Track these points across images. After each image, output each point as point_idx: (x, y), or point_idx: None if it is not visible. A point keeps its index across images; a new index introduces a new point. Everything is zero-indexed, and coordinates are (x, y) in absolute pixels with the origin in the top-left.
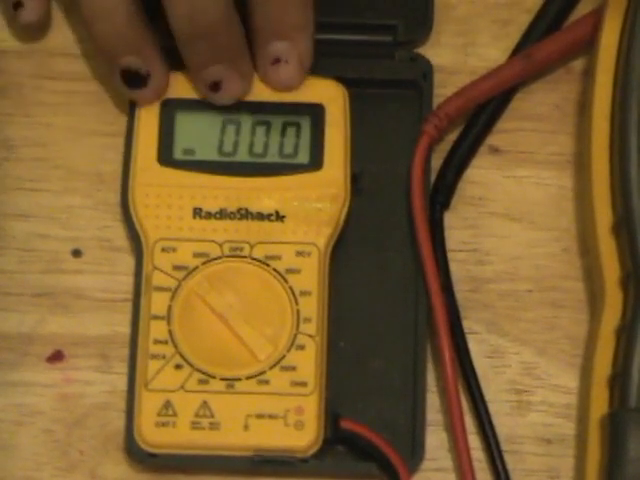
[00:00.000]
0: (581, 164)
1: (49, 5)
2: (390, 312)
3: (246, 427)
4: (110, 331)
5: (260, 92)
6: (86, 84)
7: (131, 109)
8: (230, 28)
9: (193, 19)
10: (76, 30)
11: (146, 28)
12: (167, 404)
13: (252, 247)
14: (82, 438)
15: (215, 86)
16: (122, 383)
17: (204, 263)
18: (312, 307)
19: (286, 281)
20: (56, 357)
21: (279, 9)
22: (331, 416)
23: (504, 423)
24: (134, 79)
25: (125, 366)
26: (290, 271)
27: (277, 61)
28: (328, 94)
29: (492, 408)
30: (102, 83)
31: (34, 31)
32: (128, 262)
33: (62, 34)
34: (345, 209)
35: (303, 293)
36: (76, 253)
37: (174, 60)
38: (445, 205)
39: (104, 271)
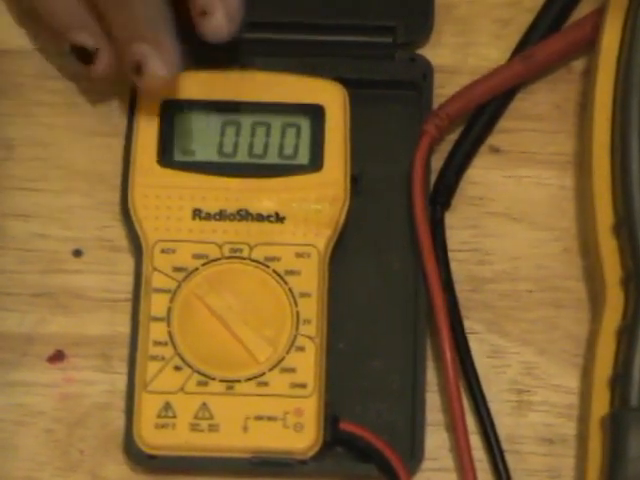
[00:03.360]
0: (582, 164)
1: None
2: (390, 313)
3: (245, 429)
4: (111, 331)
5: (260, 93)
6: (86, 84)
7: (131, 110)
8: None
9: None
10: None
11: (93, 5)
12: (166, 406)
13: (252, 248)
14: (83, 438)
15: (138, 68)
16: (123, 383)
17: (204, 264)
18: (312, 308)
19: (286, 282)
20: (57, 357)
21: None
22: (330, 418)
23: (505, 423)
24: (83, 55)
25: (125, 366)
26: (290, 272)
27: (203, 13)
28: (328, 95)
29: (493, 408)
30: (102, 83)
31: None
32: (128, 262)
33: None
34: (345, 210)
35: (303, 294)
36: (77, 253)
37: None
38: (446, 205)
39: (104, 271)
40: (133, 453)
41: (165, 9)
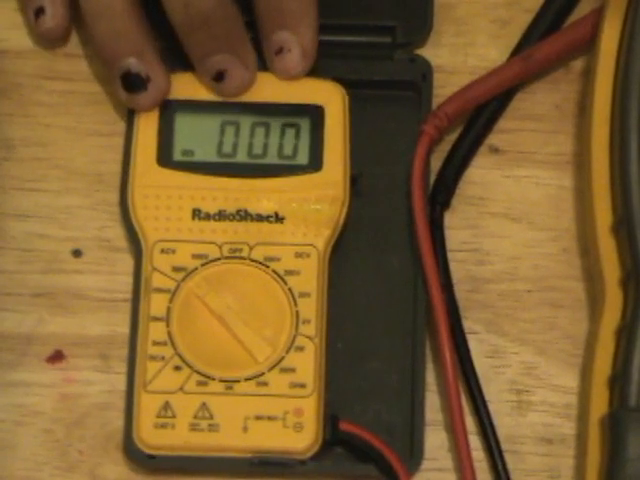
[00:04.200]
0: (581, 164)
1: (70, 13)
2: (389, 313)
3: (245, 429)
4: (110, 331)
5: (259, 93)
6: (86, 84)
7: (131, 110)
8: (227, 16)
9: (188, 9)
10: (76, 30)
11: (147, 29)
12: (166, 406)
13: (251, 248)
14: (82, 438)
15: (219, 76)
16: (122, 383)
17: (203, 264)
18: (311, 308)
19: (285, 282)
20: (56, 357)
21: (284, 2)
22: (330, 418)
23: (504, 423)
24: (134, 82)
25: (125, 366)
26: (289, 272)
27: (280, 50)
28: (327, 95)
29: (492, 408)
30: (102, 83)
31: (53, 39)
32: (128, 262)
33: None
34: (344, 210)
35: (302, 294)
36: (76, 253)
37: (173, 61)
38: (445, 205)
39: (104, 271)
40: (132, 453)
41: (239, 18)
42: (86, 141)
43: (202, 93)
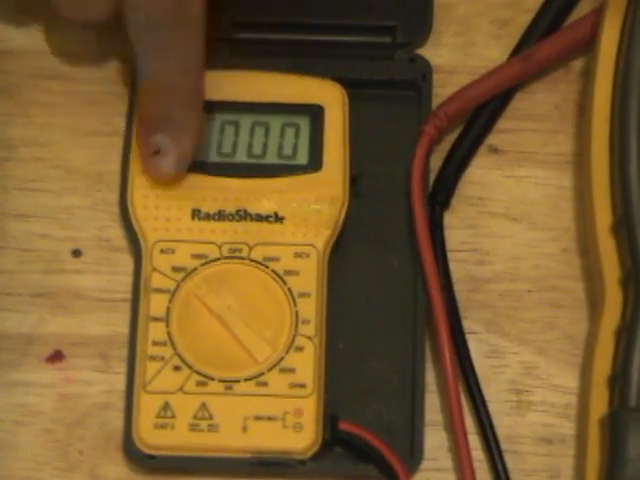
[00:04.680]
0: (581, 164)
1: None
2: (389, 313)
3: (245, 429)
4: (110, 331)
5: (259, 93)
6: (86, 84)
7: (130, 110)
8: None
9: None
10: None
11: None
12: (166, 406)
13: (251, 248)
14: (82, 438)
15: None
16: (122, 383)
17: (203, 264)
18: (311, 308)
19: (285, 282)
20: (56, 357)
21: (163, 103)
22: (330, 418)
23: (504, 423)
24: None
25: (125, 366)
26: (289, 272)
27: (157, 152)
28: (327, 95)
29: (492, 408)
30: (102, 83)
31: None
32: (128, 262)
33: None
34: (344, 210)
35: (302, 294)
36: (76, 253)
37: None
38: (445, 205)
39: (104, 271)
40: (132, 453)
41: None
42: (86, 141)
43: None
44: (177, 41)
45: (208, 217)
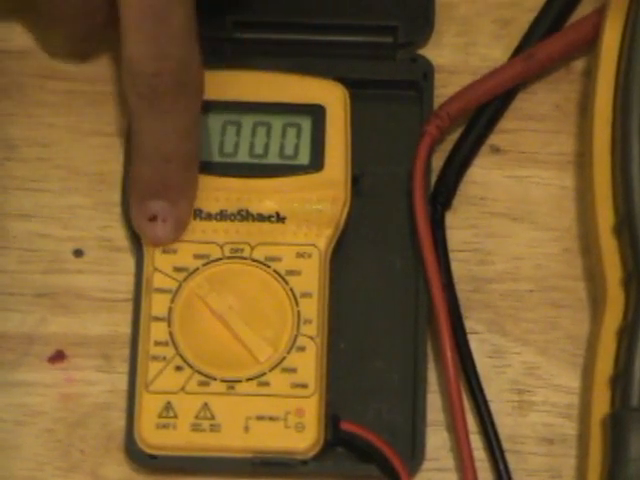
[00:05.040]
0: (582, 164)
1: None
2: (390, 313)
3: (246, 429)
4: (111, 331)
5: (261, 93)
6: (88, 84)
7: None
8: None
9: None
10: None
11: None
12: (168, 406)
13: (252, 248)
14: (83, 438)
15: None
16: (123, 383)
17: (205, 264)
18: (312, 308)
19: (286, 282)
20: (57, 357)
21: (161, 169)
22: (331, 418)
23: (505, 423)
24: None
25: (126, 366)
26: (290, 272)
27: (154, 218)
28: (329, 95)
29: (493, 408)
30: (103, 83)
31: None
32: (129, 262)
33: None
34: (346, 210)
35: (303, 294)
36: (77, 253)
37: None
38: (446, 205)
39: (105, 271)
40: (134, 453)
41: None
42: (88, 141)
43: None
44: (177, 110)
45: (210, 217)
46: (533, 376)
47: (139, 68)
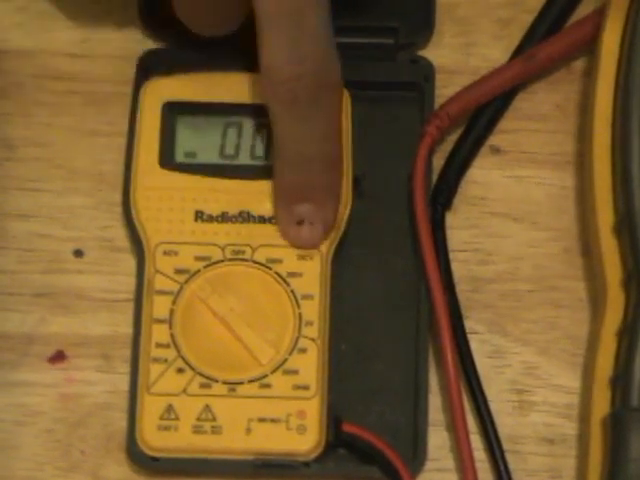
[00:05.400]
0: (582, 164)
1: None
2: (391, 314)
3: (248, 431)
4: (112, 331)
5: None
6: (87, 84)
7: (133, 111)
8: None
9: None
10: (77, 30)
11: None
12: (169, 408)
13: (254, 250)
14: (83, 438)
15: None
16: (124, 383)
17: (206, 266)
18: (314, 310)
19: (288, 284)
20: (57, 357)
21: (306, 173)
22: (333, 419)
23: (505, 423)
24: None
25: (127, 366)
26: (292, 274)
27: (301, 222)
28: None
29: (493, 408)
30: (103, 83)
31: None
32: (129, 262)
33: (63, 34)
34: (347, 212)
35: (305, 296)
36: (78, 253)
37: (171, 61)
38: (446, 205)
39: (105, 271)
40: (135, 455)
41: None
42: (87, 141)
43: (204, 95)
44: (319, 112)
45: (211, 219)
46: (533, 376)
47: (280, 74)
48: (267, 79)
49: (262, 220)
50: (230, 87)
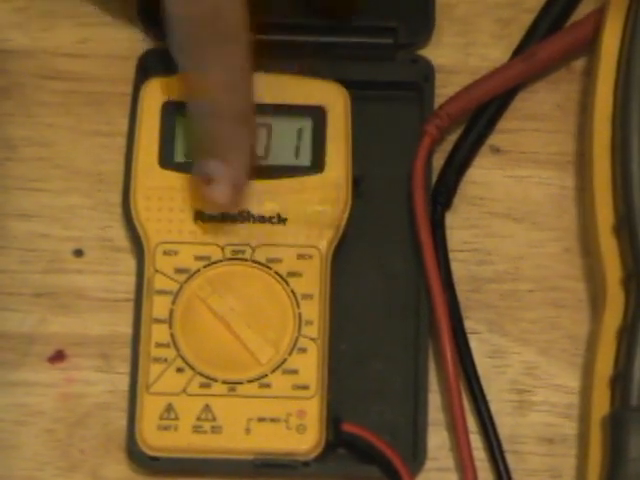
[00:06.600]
0: (582, 164)
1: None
2: (391, 314)
3: (248, 431)
4: (111, 331)
5: (261, 94)
6: (88, 84)
7: (132, 111)
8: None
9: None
10: (77, 30)
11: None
12: (169, 407)
13: (254, 250)
14: (83, 438)
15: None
16: (123, 383)
17: (206, 266)
18: (314, 310)
19: (288, 284)
20: (57, 357)
21: (210, 127)
22: (333, 419)
23: (505, 423)
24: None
25: (126, 366)
26: (292, 274)
27: (210, 181)
28: (330, 96)
29: (493, 408)
30: (103, 83)
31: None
32: (129, 262)
33: (63, 34)
34: (347, 212)
35: (305, 296)
36: (78, 253)
37: (171, 61)
38: (446, 205)
39: (105, 271)
40: (135, 455)
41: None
42: (88, 141)
43: None
44: (219, 62)
45: (211, 219)
46: (533, 376)
47: (172, 9)
48: (167, 19)
49: (262, 220)
50: None
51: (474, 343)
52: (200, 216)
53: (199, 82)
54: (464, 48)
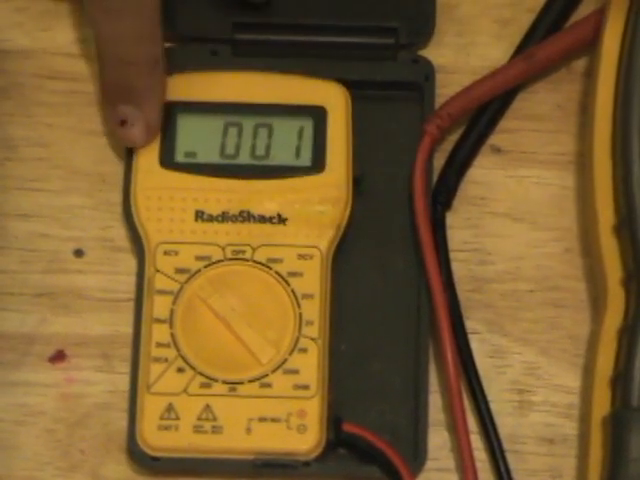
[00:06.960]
0: (583, 164)
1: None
2: (392, 314)
3: (248, 430)
4: (112, 331)
5: (262, 94)
6: (87, 84)
7: None
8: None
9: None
10: (77, 30)
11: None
12: (169, 407)
13: (254, 250)
14: (84, 438)
15: (122, 123)
16: (124, 383)
17: (206, 266)
18: (314, 310)
19: (288, 284)
20: (58, 357)
21: (124, 74)
22: (333, 419)
23: (506, 423)
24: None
25: (127, 366)
26: (292, 274)
27: (124, 123)
28: (330, 96)
29: (494, 408)
30: None
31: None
32: (130, 262)
33: (63, 34)
34: (347, 212)
35: (305, 296)
36: (78, 253)
37: (174, 63)
38: (447, 205)
39: (106, 271)
40: (136, 455)
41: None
42: (88, 141)
43: (204, 94)
44: (130, 11)
45: (211, 219)
46: (533, 376)
47: None
48: None
49: (262, 220)
50: (230, 87)
51: (475, 343)
52: (200, 216)
53: (111, 32)
54: (464, 48)
